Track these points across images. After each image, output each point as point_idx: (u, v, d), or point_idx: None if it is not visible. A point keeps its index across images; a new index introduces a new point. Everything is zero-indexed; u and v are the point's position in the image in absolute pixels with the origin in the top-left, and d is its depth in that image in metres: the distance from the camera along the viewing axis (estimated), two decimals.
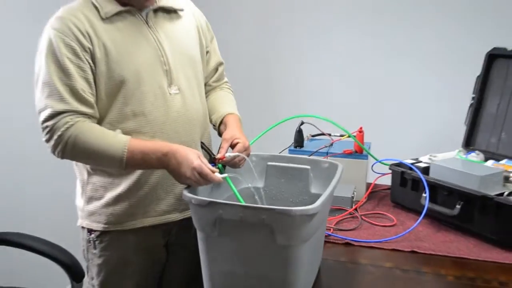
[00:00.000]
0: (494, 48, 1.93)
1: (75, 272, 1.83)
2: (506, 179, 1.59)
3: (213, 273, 1.16)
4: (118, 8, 1.35)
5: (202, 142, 1.44)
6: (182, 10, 1.48)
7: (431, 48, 2.79)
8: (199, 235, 1.16)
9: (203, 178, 1.22)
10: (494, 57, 1.93)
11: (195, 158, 1.23)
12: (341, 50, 2.93)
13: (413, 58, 2.83)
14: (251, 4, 2.92)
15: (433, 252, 1.44)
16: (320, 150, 1.83)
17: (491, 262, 1.39)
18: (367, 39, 2.87)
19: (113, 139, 1.29)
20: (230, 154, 1.33)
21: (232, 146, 1.38)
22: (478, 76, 1.95)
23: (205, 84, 1.57)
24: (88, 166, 1.41)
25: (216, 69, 1.61)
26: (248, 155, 1.37)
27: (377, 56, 2.87)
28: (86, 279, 1.55)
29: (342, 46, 2.92)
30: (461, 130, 1.98)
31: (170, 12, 1.45)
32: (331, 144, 1.87)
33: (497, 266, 1.37)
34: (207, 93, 1.58)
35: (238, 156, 1.33)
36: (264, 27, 2.93)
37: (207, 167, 1.23)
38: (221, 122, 1.52)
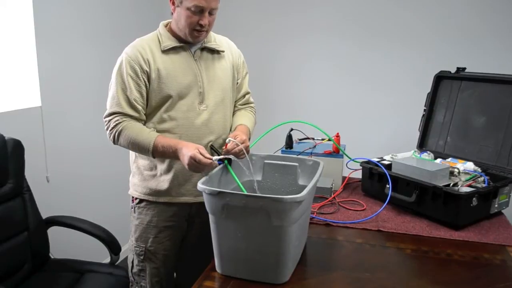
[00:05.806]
0: (441, 71, 1.91)
1: (113, 246, 1.83)
2: (451, 173, 1.57)
3: (221, 247, 1.14)
4: (174, 44, 1.41)
5: (211, 145, 1.44)
6: (223, 51, 1.50)
7: (393, 72, 2.77)
8: (211, 217, 1.13)
9: (198, 163, 1.25)
10: (440, 78, 1.91)
11: (192, 150, 1.27)
12: (324, 73, 2.90)
13: (381, 80, 2.80)
14: (250, 33, 2.91)
15: (394, 231, 1.43)
16: (306, 151, 1.81)
17: (440, 238, 1.38)
18: (346, 66, 2.85)
19: (146, 135, 1.36)
20: (229, 138, 1.34)
21: None
22: (429, 93, 1.94)
23: (234, 105, 1.59)
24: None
25: (244, 96, 1.61)
26: (246, 149, 1.36)
27: (353, 79, 2.85)
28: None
29: (325, 71, 2.90)
30: (416, 135, 1.96)
31: (214, 52, 1.48)
32: (314, 146, 1.85)
33: (444, 241, 1.36)
34: (234, 111, 1.59)
35: (236, 144, 1.32)
36: (261, 53, 2.93)
37: (203, 156, 1.25)
38: (232, 130, 1.53)
